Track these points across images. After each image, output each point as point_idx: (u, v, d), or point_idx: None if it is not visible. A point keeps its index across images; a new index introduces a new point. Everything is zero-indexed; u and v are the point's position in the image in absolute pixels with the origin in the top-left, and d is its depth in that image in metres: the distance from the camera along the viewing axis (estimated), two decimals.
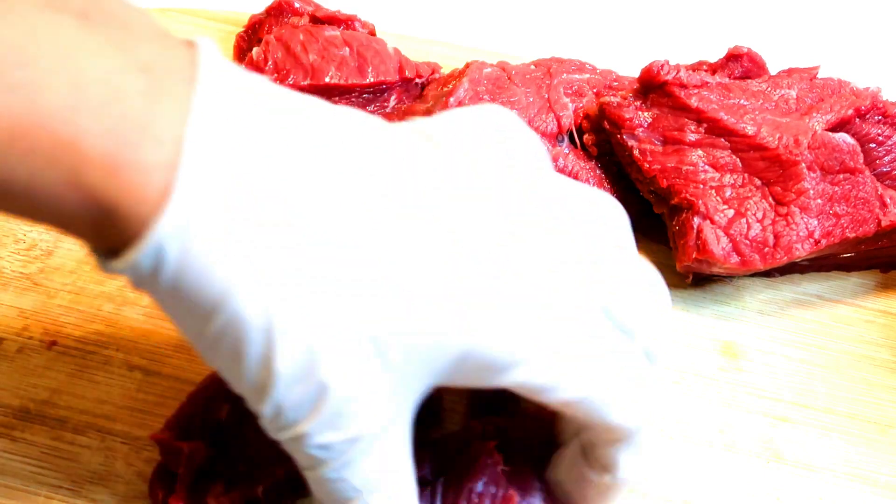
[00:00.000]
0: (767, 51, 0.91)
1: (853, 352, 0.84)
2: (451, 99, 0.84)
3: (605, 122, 0.85)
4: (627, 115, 0.83)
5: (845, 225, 0.80)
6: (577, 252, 0.50)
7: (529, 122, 0.86)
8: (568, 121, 0.87)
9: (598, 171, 0.87)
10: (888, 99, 0.84)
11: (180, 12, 1.03)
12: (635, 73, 0.93)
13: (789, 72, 0.87)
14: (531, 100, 0.87)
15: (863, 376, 0.82)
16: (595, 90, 0.90)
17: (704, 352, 0.83)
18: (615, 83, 0.91)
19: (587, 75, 0.91)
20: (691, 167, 0.82)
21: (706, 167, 0.82)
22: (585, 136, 0.87)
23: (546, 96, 0.88)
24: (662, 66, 0.83)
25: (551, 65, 0.91)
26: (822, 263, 0.87)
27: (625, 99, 0.85)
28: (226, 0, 1.09)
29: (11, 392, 0.74)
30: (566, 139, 0.88)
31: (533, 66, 0.91)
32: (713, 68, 0.88)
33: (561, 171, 0.86)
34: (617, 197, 0.87)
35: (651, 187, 0.84)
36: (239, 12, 1.03)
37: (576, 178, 0.86)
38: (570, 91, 0.89)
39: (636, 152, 0.83)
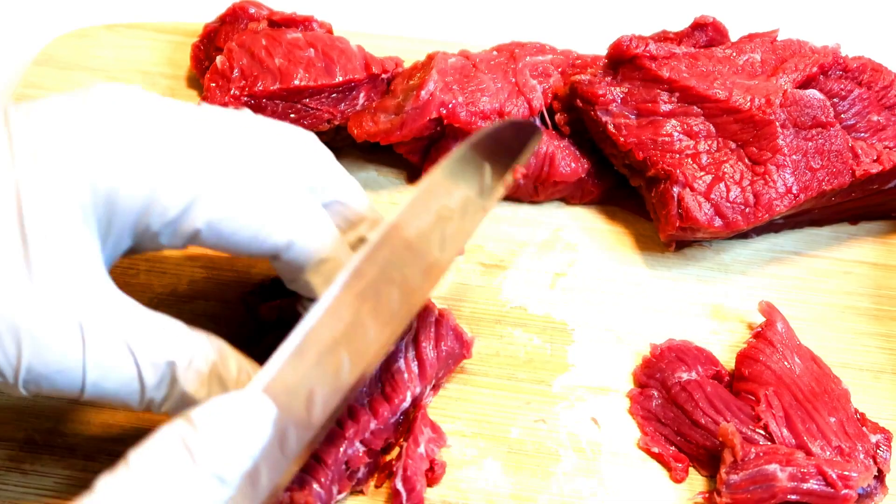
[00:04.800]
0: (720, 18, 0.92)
1: (836, 303, 0.86)
2: (423, 92, 0.83)
3: (578, 100, 0.85)
4: (600, 92, 0.84)
5: (821, 178, 0.82)
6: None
7: (501, 108, 0.86)
8: (538, 102, 0.88)
9: (573, 149, 0.88)
10: (847, 55, 0.87)
11: (128, 27, 1.01)
12: (593, 51, 0.94)
13: (750, 37, 0.89)
14: (499, 85, 0.88)
15: (848, 326, 0.85)
16: (560, 70, 0.91)
17: (695, 317, 0.84)
18: (578, 61, 0.92)
19: (550, 56, 0.92)
20: (666, 137, 0.83)
21: (681, 136, 0.83)
22: (557, 116, 0.88)
23: (513, 80, 0.88)
24: (631, 39, 0.84)
25: (513, 49, 0.92)
26: (797, 220, 0.89)
27: (595, 76, 0.86)
28: (173, 11, 1.07)
29: (14, 425, 0.72)
30: (538, 120, 0.88)
31: (495, 52, 0.92)
32: (678, 38, 0.89)
33: (536, 154, 0.87)
34: (592, 172, 0.88)
35: (626, 161, 0.85)
36: (189, 23, 1.01)
37: (552, 158, 0.87)
38: (535, 73, 0.90)
39: (610, 127, 0.84)
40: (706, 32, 0.89)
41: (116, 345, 0.57)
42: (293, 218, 0.64)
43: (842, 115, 0.85)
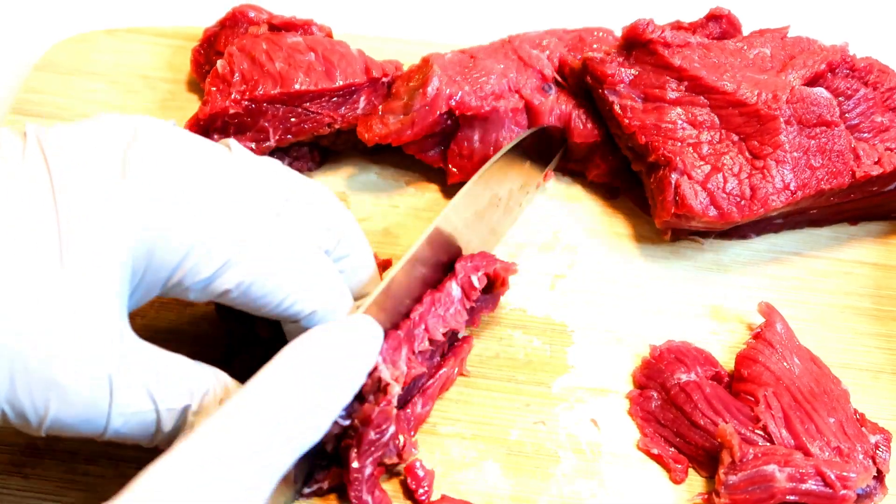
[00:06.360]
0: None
1: (836, 304, 0.86)
2: (429, 88, 0.83)
3: (588, 77, 0.86)
4: (609, 71, 0.84)
5: (821, 177, 0.82)
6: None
7: (515, 84, 0.88)
8: (549, 70, 0.89)
9: (587, 111, 0.89)
10: (854, 54, 0.87)
11: (128, 32, 1.01)
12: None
13: (761, 32, 0.89)
14: (502, 66, 0.88)
15: (848, 326, 0.85)
16: (557, 37, 0.92)
17: (695, 318, 0.84)
18: (568, 34, 0.94)
19: (542, 31, 0.94)
20: (670, 125, 0.83)
21: (685, 125, 0.83)
22: (568, 77, 0.90)
23: (516, 57, 0.89)
24: (648, 24, 0.84)
25: (505, 38, 0.93)
26: (796, 220, 0.89)
27: (608, 55, 0.86)
28: (173, 16, 1.08)
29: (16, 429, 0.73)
30: (552, 87, 0.89)
31: (488, 44, 0.92)
32: (692, 28, 0.89)
33: (559, 117, 0.89)
34: (600, 144, 0.90)
35: (629, 143, 0.86)
36: (189, 27, 1.02)
37: (569, 117, 0.89)
38: (535, 44, 0.91)
39: (616, 108, 0.84)
40: (720, 24, 0.90)
41: (140, 393, 0.57)
42: (320, 290, 0.65)
43: (846, 115, 0.85)
